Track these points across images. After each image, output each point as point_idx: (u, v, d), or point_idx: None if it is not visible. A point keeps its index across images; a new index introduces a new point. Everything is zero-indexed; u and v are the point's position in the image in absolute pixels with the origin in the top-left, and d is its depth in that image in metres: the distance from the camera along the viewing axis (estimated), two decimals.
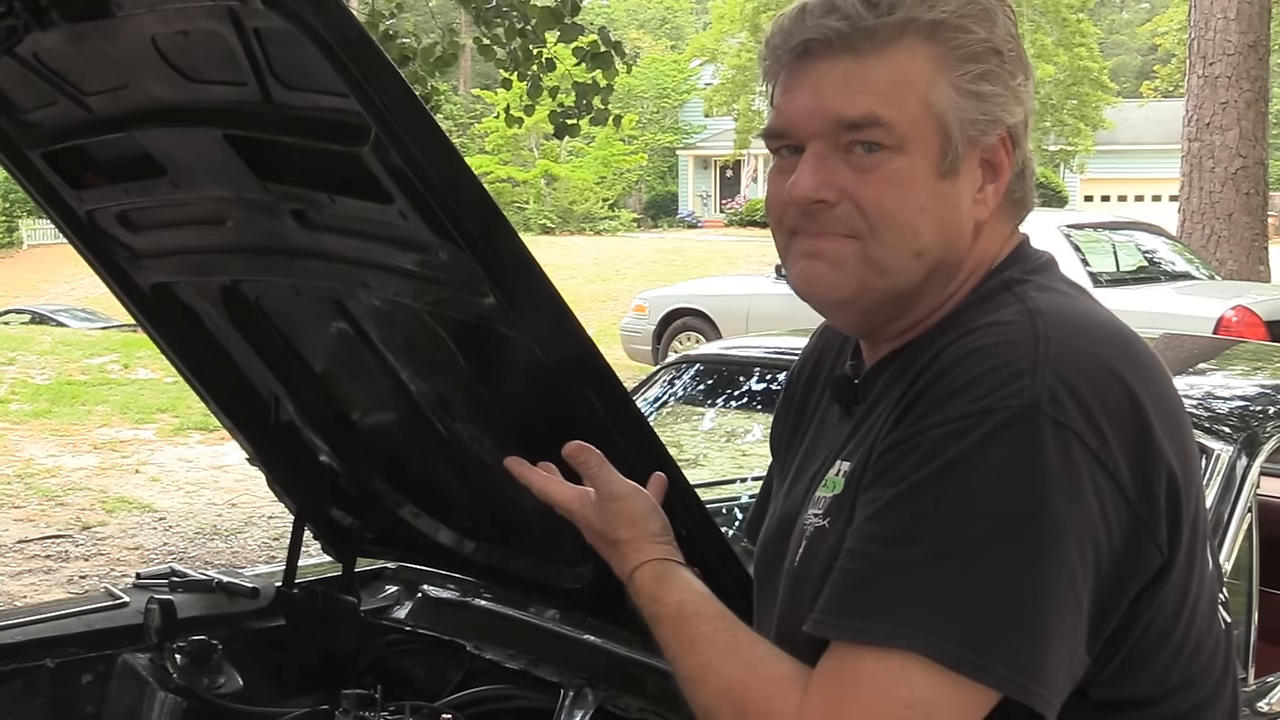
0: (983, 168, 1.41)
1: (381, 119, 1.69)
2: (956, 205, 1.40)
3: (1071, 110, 39.05)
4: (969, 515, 1.24)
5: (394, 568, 3.00)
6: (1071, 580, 1.24)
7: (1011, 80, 1.39)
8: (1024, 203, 1.47)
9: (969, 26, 1.37)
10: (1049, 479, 1.23)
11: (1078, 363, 1.28)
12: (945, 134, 1.37)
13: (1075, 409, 1.25)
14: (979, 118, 1.38)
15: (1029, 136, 1.43)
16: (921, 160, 1.37)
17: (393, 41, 8.75)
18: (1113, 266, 11.72)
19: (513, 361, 2.00)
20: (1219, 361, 3.84)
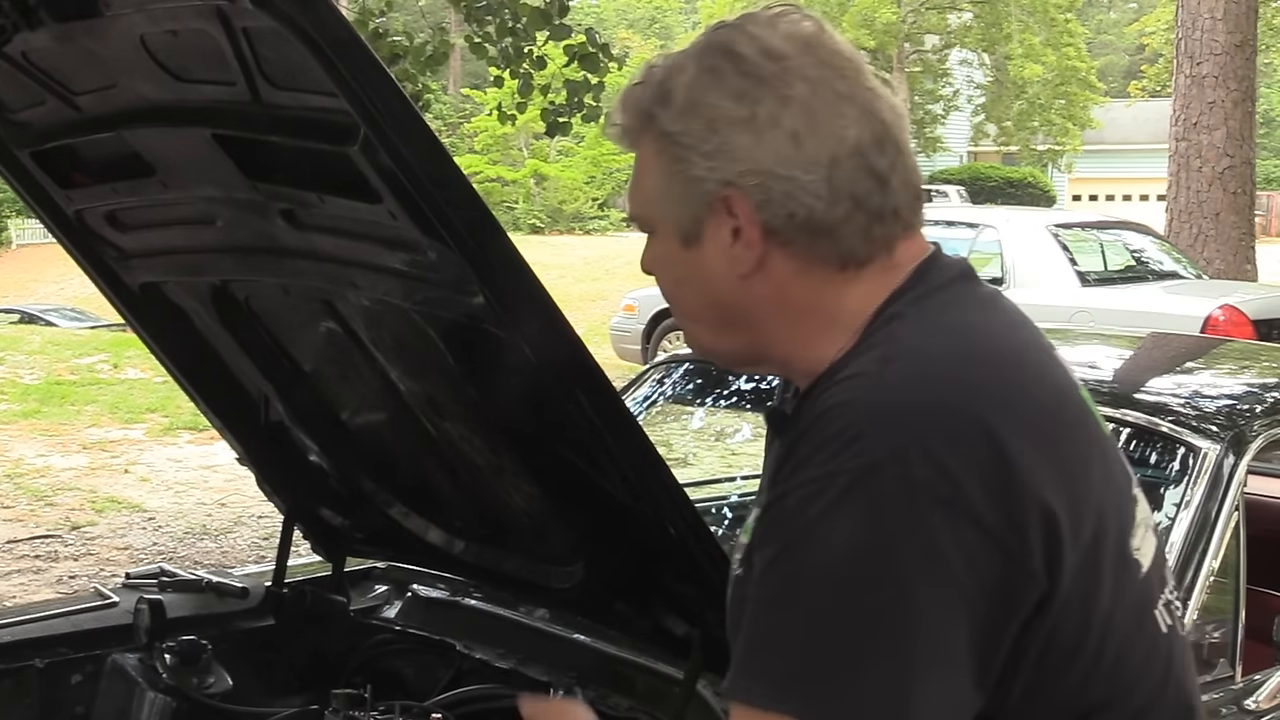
0: (732, 224, 1.44)
1: (370, 118, 1.69)
2: (708, 268, 1.46)
3: (1059, 110, 39.17)
4: (828, 580, 1.28)
5: (384, 567, 3.00)
6: (936, 634, 1.27)
7: (703, 147, 1.42)
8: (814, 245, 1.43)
9: (653, 113, 1.45)
10: (896, 539, 1.26)
11: (924, 412, 1.31)
12: (671, 211, 1.47)
13: (920, 461, 1.27)
14: (685, 192, 1.44)
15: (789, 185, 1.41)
16: (666, 238, 1.49)
17: (383, 40, 8.74)
18: (1100, 266, 11.74)
19: (502, 361, 2.00)
20: (1206, 360, 3.85)
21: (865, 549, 1.26)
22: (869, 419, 1.31)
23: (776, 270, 1.45)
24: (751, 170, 1.41)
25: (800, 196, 1.41)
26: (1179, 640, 1.49)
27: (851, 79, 1.43)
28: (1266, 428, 2.89)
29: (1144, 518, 1.47)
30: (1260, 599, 3.12)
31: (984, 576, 1.28)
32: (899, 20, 38.46)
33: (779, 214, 1.42)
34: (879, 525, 1.26)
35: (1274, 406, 3.10)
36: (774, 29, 1.44)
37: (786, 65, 1.42)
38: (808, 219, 1.42)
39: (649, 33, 60.20)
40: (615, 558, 2.25)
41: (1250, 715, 2.59)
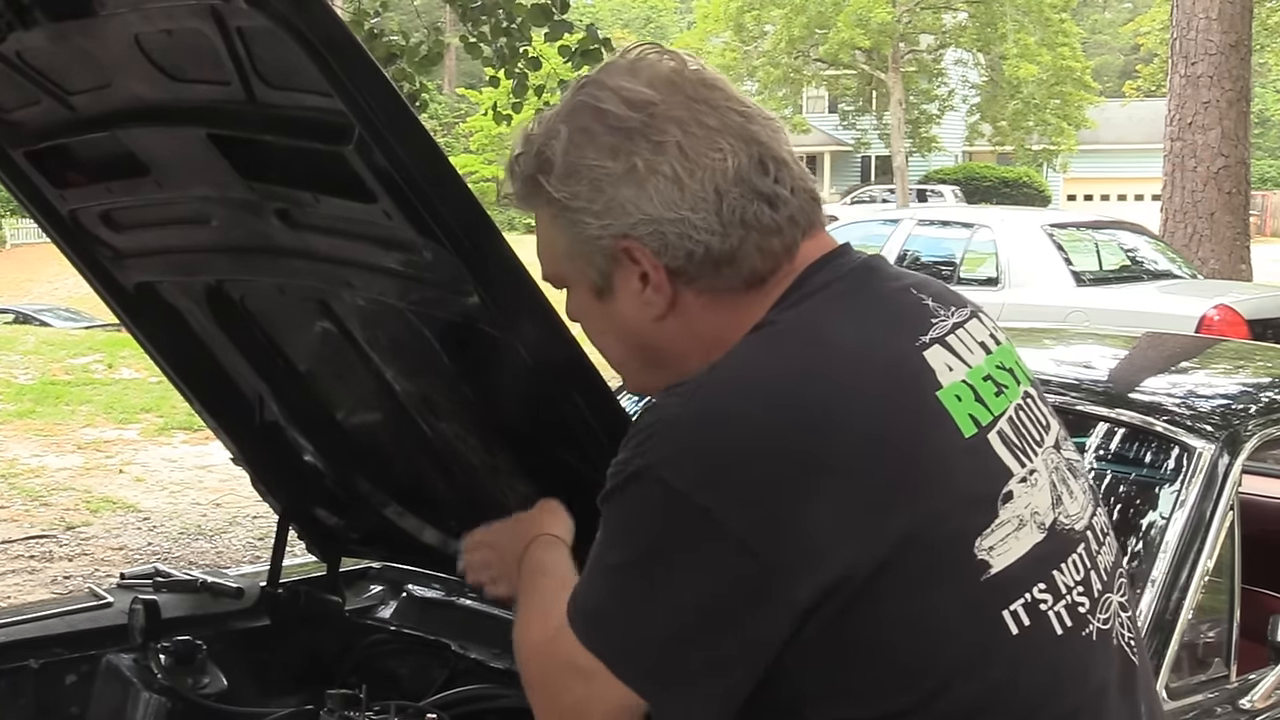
0: (639, 271, 1.49)
1: (365, 118, 1.69)
2: (624, 317, 1.53)
3: (1054, 110, 39.20)
4: (608, 545, 1.43)
5: (379, 567, 2.99)
6: (684, 622, 1.39)
7: (592, 207, 1.48)
8: (718, 275, 1.49)
9: (539, 181, 1.51)
10: (654, 537, 1.40)
11: (712, 424, 1.39)
12: (575, 267, 1.53)
13: (691, 470, 1.37)
14: (586, 250, 1.50)
15: (684, 226, 1.46)
16: (581, 291, 1.56)
17: (379, 40, 8.73)
18: (1095, 265, 11.75)
19: (497, 361, 2.00)
20: (1201, 360, 3.86)
21: (634, 536, 1.41)
22: (661, 424, 1.41)
23: (688, 306, 1.51)
24: (642, 220, 1.47)
25: (694, 235, 1.47)
26: (1051, 643, 1.45)
27: (720, 108, 1.49)
28: (1261, 427, 2.89)
29: (1015, 516, 1.45)
30: (1255, 599, 3.12)
31: (736, 581, 1.37)
32: (894, 20, 38.47)
33: (678, 254, 1.47)
34: (643, 520, 1.40)
35: (1269, 406, 3.10)
36: (635, 76, 1.49)
37: (654, 112, 1.47)
38: (705, 254, 1.47)
39: (644, 33, 60.21)
40: None
41: (1245, 715, 2.59)
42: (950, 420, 1.45)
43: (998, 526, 1.43)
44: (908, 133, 40.44)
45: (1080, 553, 1.51)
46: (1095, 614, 1.50)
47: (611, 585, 1.44)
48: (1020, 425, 1.52)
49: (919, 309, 1.53)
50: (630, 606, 1.42)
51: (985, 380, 1.51)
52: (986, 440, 1.47)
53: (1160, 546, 2.62)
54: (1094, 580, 1.51)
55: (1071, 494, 1.54)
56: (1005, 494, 1.45)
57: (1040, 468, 1.51)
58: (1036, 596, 1.45)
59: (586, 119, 1.49)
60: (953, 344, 1.51)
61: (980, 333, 1.57)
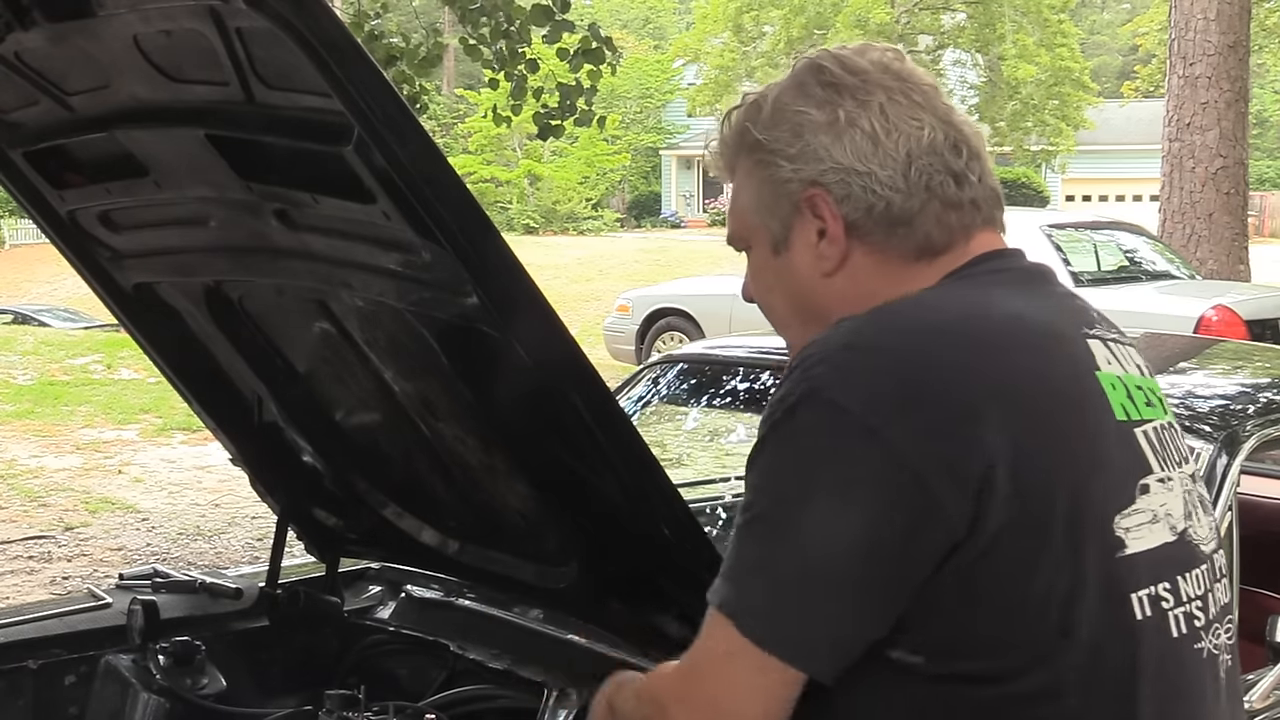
0: (817, 225, 1.56)
1: (364, 119, 1.69)
2: (796, 271, 1.59)
3: (1053, 110, 39.17)
4: (766, 491, 1.42)
5: (377, 568, 2.99)
6: (841, 552, 1.37)
7: (788, 150, 1.55)
8: (903, 240, 1.54)
9: (746, 127, 1.60)
10: (819, 460, 1.39)
11: (883, 353, 1.42)
12: (760, 222, 1.60)
13: (863, 393, 1.38)
14: (772, 196, 1.58)
15: (865, 179, 1.53)
16: (760, 249, 1.63)
17: (378, 41, 8.74)
18: (1094, 266, 11.76)
19: (496, 362, 2.00)
20: (1199, 361, 3.86)
21: (796, 465, 1.40)
22: (822, 354, 1.43)
23: (858, 266, 1.56)
24: (832, 168, 1.53)
25: (879, 190, 1.53)
26: (1167, 641, 1.47)
27: (929, 93, 1.57)
28: (1260, 428, 2.90)
29: (1150, 509, 1.48)
30: (1254, 599, 3.13)
31: (896, 507, 1.36)
32: (893, 21, 38.47)
33: (859, 207, 1.53)
34: (809, 444, 1.40)
35: (1267, 406, 3.11)
36: (860, 54, 1.59)
37: (866, 78, 1.55)
38: (885, 211, 1.53)
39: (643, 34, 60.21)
40: (609, 558, 2.25)
41: (1244, 715, 2.59)
42: (1105, 398, 1.49)
43: (1134, 511, 1.46)
44: None
45: (1204, 571, 1.54)
46: (1207, 635, 1.52)
47: (766, 540, 1.40)
48: (1165, 439, 1.56)
49: (1085, 312, 1.59)
50: (799, 553, 1.39)
51: (1138, 389, 1.55)
52: (1133, 432, 1.51)
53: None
54: (1211, 604, 1.54)
55: (1199, 520, 1.56)
56: (1143, 485, 1.48)
57: (1177, 480, 1.54)
58: (1160, 593, 1.47)
59: (804, 74, 1.58)
60: (1112, 347, 1.56)
61: (1136, 358, 1.61)
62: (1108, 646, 1.42)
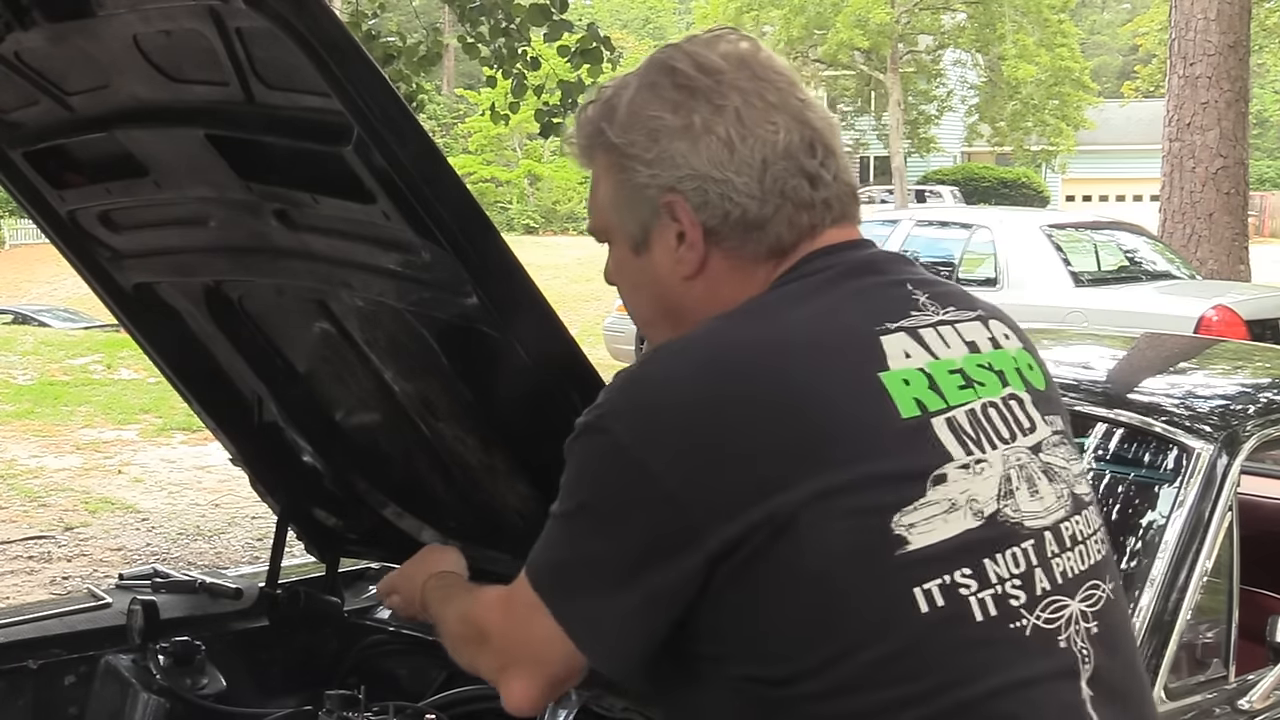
0: (676, 229, 1.57)
1: (364, 119, 1.69)
2: (657, 272, 1.61)
3: (1053, 110, 39.20)
4: (562, 492, 1.53)
5: (377, 568, 2.99)
6: (617, 558, 1.48)
7: (646, 156, 1.56)
8: (756, 243, 1.57)
9: (601, 128, 1.60)
10: (598, 481, 1.50)
11: (657, 385, 1.50)
12: (619, 221, 1.61)
13: (635, 425, 1.47)
14: (631, 199, 1.58)
15: (725, 186, 1.54)
16: (620, 247, 1.64)
17: (377, 41, 8.73)
18: (1094, 266, 11.76)
19: (496, 362, 2.00)
20: (1200, 361, 3.85)
21: (582, 482, 1.51)
22: (616, 386, 1.51)
23: (715, 269, 1.58)
24: (690, 175, 1.55)
25: (735, 197, 1.55)
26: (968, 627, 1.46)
27: (784, 90, 1.58)
28: (1260, 428, 2.89)
29: (946, 498, 1.48)
30: (1253, 599, 3.12)
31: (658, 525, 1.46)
32: (893, 21, 38.46)
33: (716, 214, 1.55)
34: (589, 467, 1.50)
35: (1267, 407, 3.11)
36: (711, 48, 1.59)
37: (720, 79, 1.56)
38: (741, 217, 1.56)
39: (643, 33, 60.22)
40: None
41: (1244, 715, 2.59)
42: (888, 399, 1.50)
43: (922, 505, 1.46)
44: (906, 133, 40.44)
45: (1025, 548, 1.51)
46: (1033, 611, 1.50)
47: (558, 529, 1.54)
48: (982, 420, 1.55)
49: (901, 302, 1.58)
50: (573, 548, 1.53)
51: (952, 373, 1.55)
52: (929, 424, 1.51)
53: (1159, 547, 2.63)
54: (1039, 578, 1.51)
55: (1036, 493, 1.54)
56: (938, 475, 1.48)
57: (995, 460, 1.53)
58: (957, 580, 1.46)
59: (656, 74, 1.58)
60: (925, 336, 1.56)
61: (976, 333, 1.61)
62: (892, 644, 1.44)
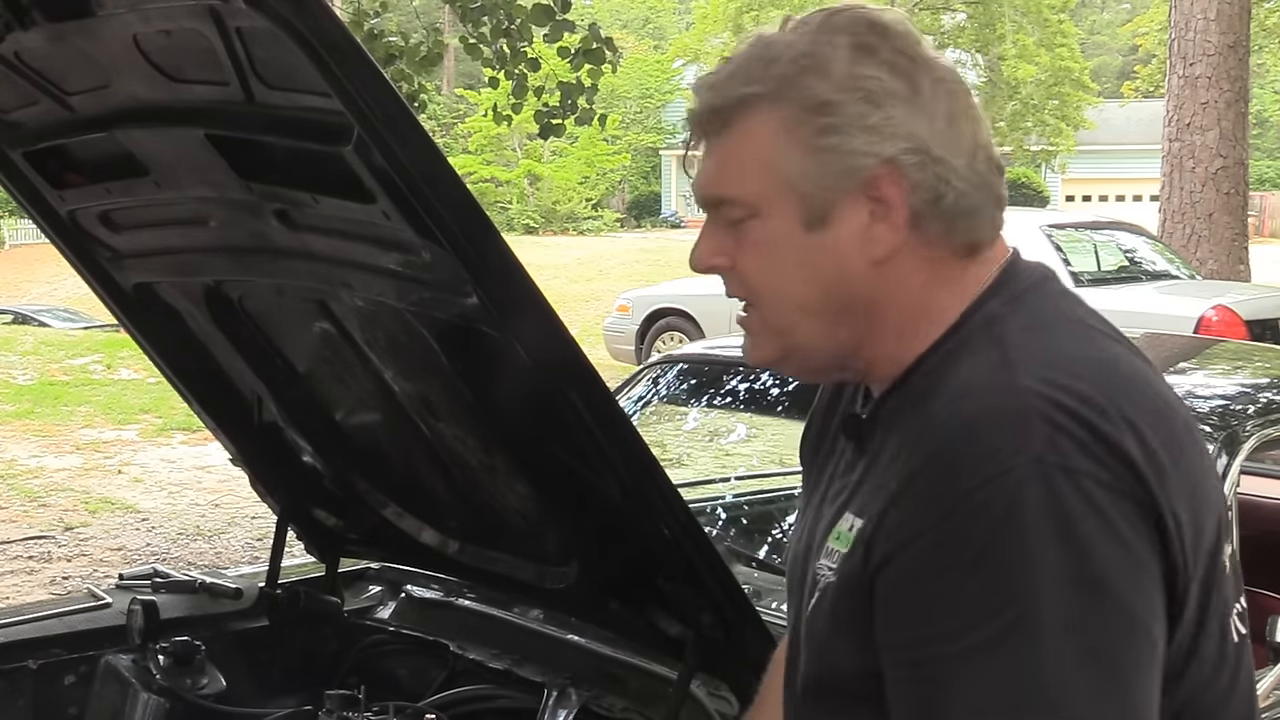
0: (872, 207, 1.39)
1: (364, 119, 1.68)
2: (836, 253, 1.40)
3: (1053, 110, 39.18)
4: (1018, 590, 1.22)
5: (377, 568, 2.99)
6: (1137, 622, 1.25)
7: (865, 120, 1.37)
8: (952, 231, 1.42)
9: (804, 83, 1.38)
10: (1080, 528, 1.22)
11: (1068, 409, 1.27)
12: (798, 191, 1.39)
13: (1078, 452, 1.24)
14: (834, 168, 1.38)
15: (936, 164, 1.39)
16: (781, 220, 1.40)
17: (378, 41, 8.74)
18: (1094, 266, 11.76)
19: (496, 362, 2.00)
20: (1199, 361, 3.85)
21: (1054, 541, 1.21)
22: (1018, 417, 1.26)
23: (906, 257, 1.41)
24: (912, 148, 1.37)
25: (951, 179, 1.39)
26: (1247, 651, 1.46)
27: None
28: (1259, 428, 2.89)
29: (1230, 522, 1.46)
30: (1253, 599, 3.11)
31: (1153, 564, 1.26)
32: None
33: (928, 195, 1.39)
34: (1062, 513, 1.22)
35: (1267, 407, 3.10)
36: (903, 23, 1.44)
37: (927, 49, 1.42)
38: (954, 203, 1.39)
39: (643, 34, 60.21)
40: (609, 558, 2.25)
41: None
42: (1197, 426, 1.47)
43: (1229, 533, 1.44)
44: None
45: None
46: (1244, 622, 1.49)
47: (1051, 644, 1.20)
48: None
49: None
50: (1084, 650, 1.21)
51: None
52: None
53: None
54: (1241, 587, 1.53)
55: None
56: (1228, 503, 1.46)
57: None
58: (1240, 606, 1.46)
59: (868, 35, 1.39)
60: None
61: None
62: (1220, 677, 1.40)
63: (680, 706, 2.15)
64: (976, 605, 1.23)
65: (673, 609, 2.17)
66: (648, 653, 2.38)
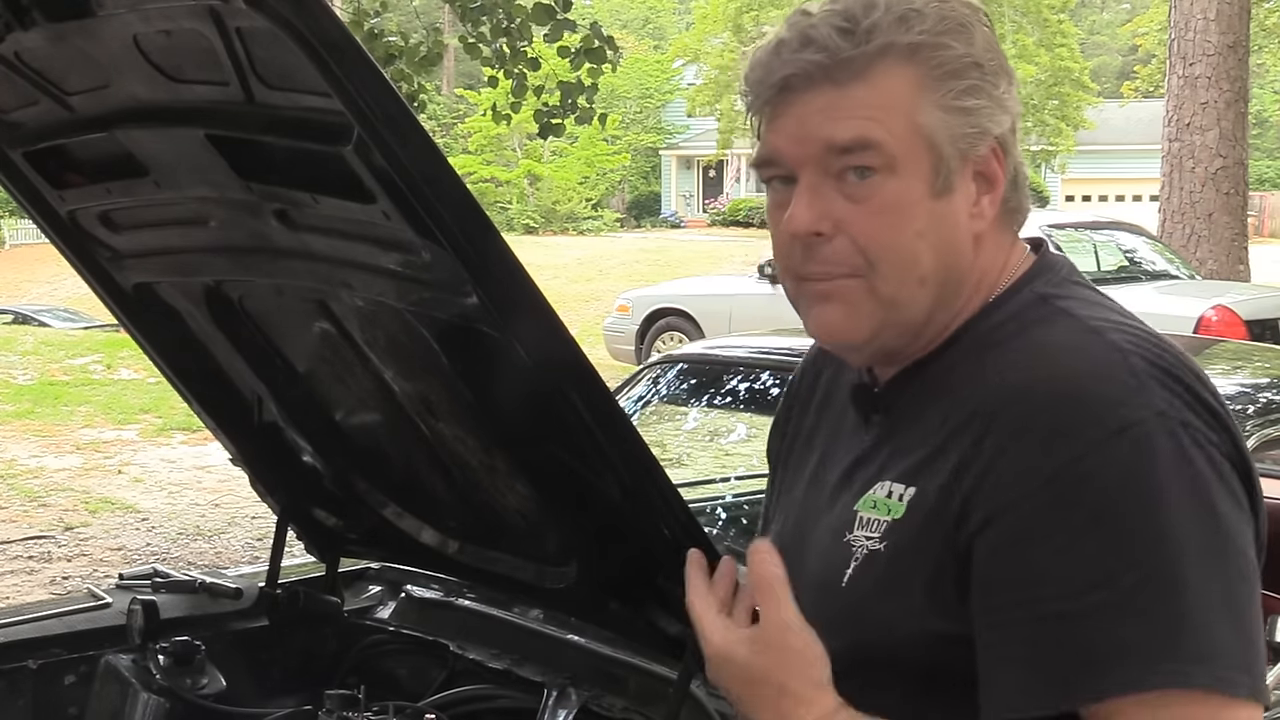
0: (976, 180, 1.40)
1: (364, 119, 1.68)
2: (954, 223, 1.39)
3: (1053, 110, 39.19)
4: (1156, 540, 1.23)
5: (377, 568, 2.99)
6: (1255, 571, 1.28)
7: (995, 90, 1.38)
8: (1019, 210, 1.46)
9: (947, 43, 1.37)
10: (1207, 480, 1.25)
11: (1170, 370, 1.30)
12: (936, 152, 1.37)
13: (1189, 411, 1.27)
14: (967, 132, 1.38)
15: (1017, 142, 1.43)
16: (915, 181, 1.37)
17: (378, 41, 8.74)
18: (1094, 266, 11.77)
19: (496, 362, 2.00)
20: (1199, 361, 3.85)
21: (1185, 493, 1.24)
22: (1127, 375, 1.27)
23: (993, 233, 1.43)
24: (1013, 127, 1.41)
25: (1017, 155, 1.42)
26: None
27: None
28: (1259, 428, 2.90)
29: None
30: None
31: (1249, 517, 1.31)
32: None
33: (1012, 175, 1.42)
34: (1189, 465, 1.24)
35: (1267, 407, 3.11)
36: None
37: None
38: (1023, 184, 1.43)
39: (643, 34, 60.22)
40: (609, 558, 2.24)
41: None
42: None
43: None
44: None
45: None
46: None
47: (1192, 589, 1.22)
48: None
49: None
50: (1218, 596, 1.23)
51: None
52: None
53: None
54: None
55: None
56: None
57: None
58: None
59: (968, 14, 1.40)
60: None
61: None
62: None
63: (680, 706, 2.15)
64: (1114, 555, 1.23)
65: (673, 609, 2.17)
66: (648, 653, 2.37)
